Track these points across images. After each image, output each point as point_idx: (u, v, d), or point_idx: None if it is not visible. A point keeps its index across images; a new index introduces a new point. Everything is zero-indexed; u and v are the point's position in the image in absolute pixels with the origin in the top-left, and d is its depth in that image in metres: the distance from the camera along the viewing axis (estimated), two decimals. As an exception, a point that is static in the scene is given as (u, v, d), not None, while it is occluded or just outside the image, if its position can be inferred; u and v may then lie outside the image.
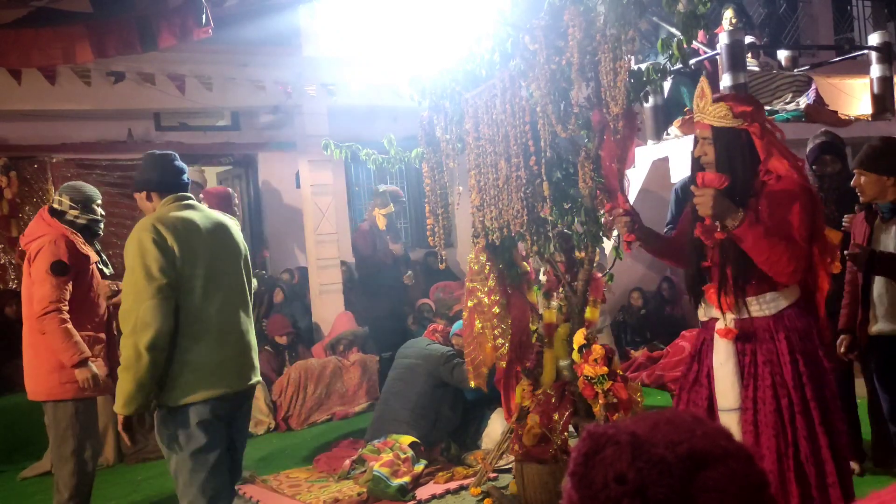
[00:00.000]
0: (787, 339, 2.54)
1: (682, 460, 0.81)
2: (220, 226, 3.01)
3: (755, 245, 2.46)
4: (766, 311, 2.58)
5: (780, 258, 2.43)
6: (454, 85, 3.69)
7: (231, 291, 2.95)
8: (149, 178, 3.01)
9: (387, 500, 4.18)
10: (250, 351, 3.03)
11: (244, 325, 3.00)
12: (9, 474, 5.43)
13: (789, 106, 5.64)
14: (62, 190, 4.04)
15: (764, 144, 2.55)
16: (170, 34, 5.50)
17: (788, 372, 2.52)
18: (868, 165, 3.36)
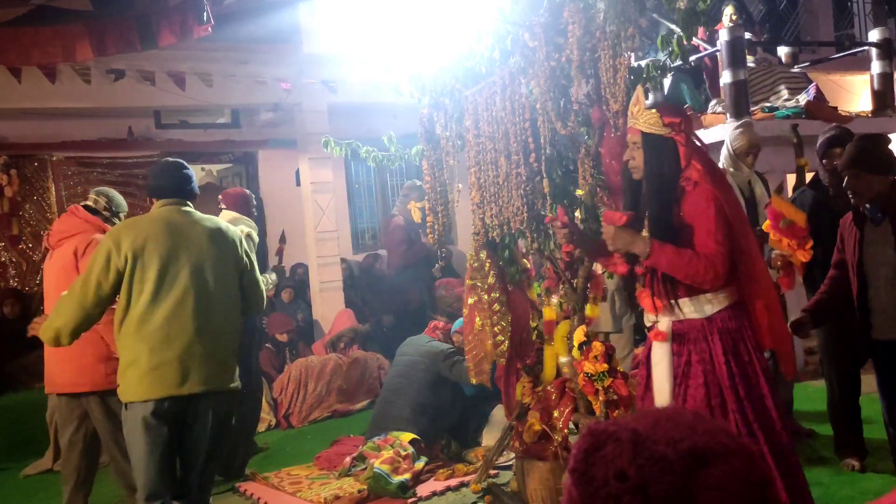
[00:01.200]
0: (720, 340, 2.61)
1: (684, 457, 0.81)
2: (195, 230, 3.04)
3: (669, 266, 2.59)
4: (699, 312, 2.65)
5: (696, 271, 2.55)
6: (454, 82, 3.69)
7: (187, 296, 2.97)
8: (147, 184, 3.23)
9: (387, 497, 4.19)
10: (205, 357, 2.98)
11: (200, 332, 2.97)
12: (11, 472, 5.44)
13: (789, 103, 5.63)
14: (99, 191, 4.16)
15: (686, 153, 2.66)
16: (170, 32, 5.49)
17: (722, 372, 2.58)
18: (861, 165, 3.17)
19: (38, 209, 7.58)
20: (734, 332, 2.61)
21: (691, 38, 3.27)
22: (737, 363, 2.59)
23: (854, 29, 10.72)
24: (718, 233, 2.56)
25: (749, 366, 2.61)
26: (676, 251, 2.57)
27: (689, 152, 2.66)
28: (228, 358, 3.08)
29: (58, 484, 5.11)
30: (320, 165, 7.87)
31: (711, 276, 2.54)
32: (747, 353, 2.61)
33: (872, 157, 3.17)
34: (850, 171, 3.19)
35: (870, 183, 3.16)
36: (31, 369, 6.28)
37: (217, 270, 3.05)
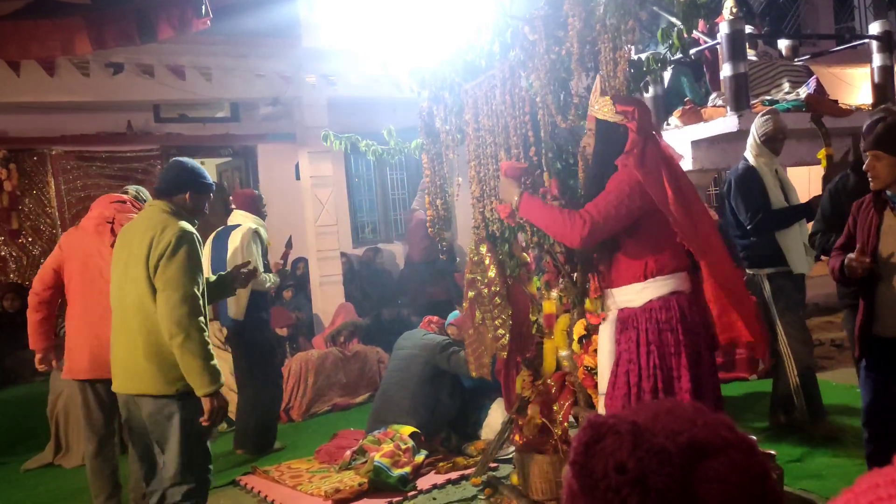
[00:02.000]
0: (647, 329, 2.64)
1: (683, 450, 0.81)
2: (131, 232, 3.07)
3: (537, 219, 2.76)
4: (634, 301, 2.70)
5: (560, 226, 2.67)
6: (454, 76, 3.68)
7: (113, 296, 3.10)
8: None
9: (388, 490, 4.19)
10: (118, 358, 3.08)
11: (116, 332, 3.08)
12: (11, 466, 5.45)
13: (790, 96, 5.62)
14: (137, 188, 4.23)
15: (635, 140, 2.69)
16: (168, 25, 5.48)
17: (643, 362, 2.63)
18: (885, 146, 2.94)
19: (37, 203, 7.57)
20: (662, 323, 2.63)
21: (691, 30, 3.26)
22: (659, 354, 2.61)
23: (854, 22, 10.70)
24: (601, 200, 2.64)
25: (673, 357, 2.62)
26: (543, 205, 2.74)
27: (639, 141, 2.68)
28: (145, 362, 2.96)
29: (58, 478, 5.14)
30: (320, 159, 7.86)
31: (569, 230, 2.63)
32: (675, 346, 2.62)
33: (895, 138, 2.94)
34: (873, 151, 2.98)
35: (891, 165, 2.94)
36: (31, 363, 6.28)
37: (133, 272, 2.98)
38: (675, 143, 5.81)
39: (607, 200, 2.62)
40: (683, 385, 2.62)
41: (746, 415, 5.05)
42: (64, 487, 4.91)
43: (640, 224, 2.71)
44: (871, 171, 2.98)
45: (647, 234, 2.69)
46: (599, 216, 2.60)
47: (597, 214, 2.60)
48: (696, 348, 2.65)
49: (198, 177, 3.16)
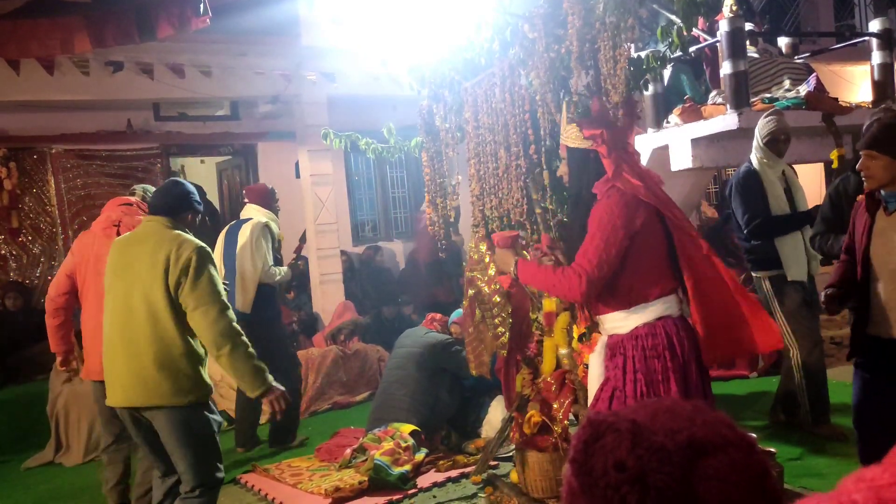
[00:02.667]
0: (633, 357, 2.61)
1: (682, 448, 0.81)
2: (139, 248, 3.10)
3: (535, 283, 2.75)
4: (621, 329, 2.66)
5: (559, 287, 2.61)
6: (453, 74, 3.68)
7: (117, 310, 3.09)
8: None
9: (388, 488, 4.20)
10: (126, 374, 3.03)
11: (123, 349, 3.04)
12: (12, 464, 5.46)
13: (789, 94, 5.62)
14: (144, 188, 4.31)
15: (612, 162, 2.64)
16: (168, 24, 5.47)
17: (630, 389, 2.59)
18: (880, 146, 2.87)
19: (37, 202, 7.57)
20: (649, 350, 2.58)
21: (691, 28, 3.26)
22: (646, 381, 2.56)
23: (854, 19, 10.69)
24: (590, 247, 2.55)
25: (661, 385, 2.57)
26: (538, 269, 2.71)
27: (616, 163, 2.63)
28: (157, 374, 2.98)
29: (59, 476, 5.15)
30: (320, 157, 7.86)
31: (567, 289, 2.57)
32: (662, 372, 2.57)
33: (890, 138, 2.86)
34: (868, 151, 2.90)
35: (886, 166, 2.87)
36: (32, 362, 6.30)
37: (146, 287, 3.02)
38: (675, 140, 5.81)
39: (595, 246, 2.55)
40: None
41: (746, 413, 5.06)
42: (64, 486, 4.92)
43: (627, 252, 2.63)
44: (866, 170, 2.93)
45: (629, 260, 2.62)
46: (592, 266, 2.53)
47: (588, 265, 2.53)
48: (686, 372, 2.60)
49: (194, 196, 3.31)
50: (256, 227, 5.15)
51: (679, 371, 2.59)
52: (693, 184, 6.69)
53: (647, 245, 2.61)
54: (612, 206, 2.57)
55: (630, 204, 2.57)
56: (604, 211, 2.59)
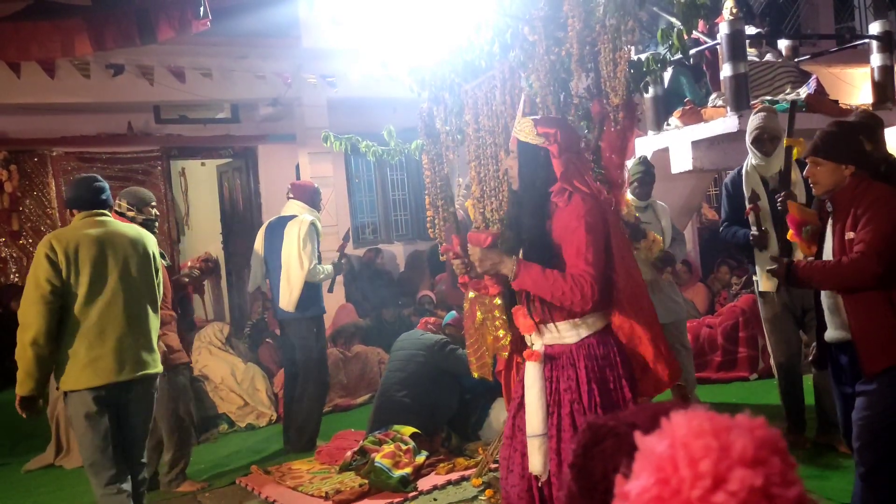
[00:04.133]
0: (586, 366, 2.55)
1: (682, 451, 0.81)
2: (118, 238, 3.46)
3: (535, 287, 2.52)
4: (569, 338, 2.59)
5: (563, 292, 2.46)
6: (454, 76, 3.68)
7: (115, 296, 3.37)
8: (68, 196, 3.65)
9: (388, 491, 4.20)
10: (134, 346, 3.40)
11: (128, 325, 3.39)
12: (13, 467, 5.46)
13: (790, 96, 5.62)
14: (121, 195, 4.51)
15: (562, 163, 2.57)
16: (168, 26, 5.48)
17: (586, 400, 2.53)
18: (823, 153, 2.93)
19: (38, 204, 7.58)
20: (601, 359, 2.55)
21: (691, 31, 3.26)
22: (601, 391, 2.53)
23: (854, 21, 10.69)
24: (588, 252, 2.47)
25: (614, 393, 2.54)
26: (542, 272, 2.50)
27: (564, 165, 2.57)
28: (152, 345, 3.52)
29: (59, 478, 5.14)
30: (320, 160, 7.86)
31: (578, 297, 2.45)
32: (614, 381, 2.55)
33: (832, 145, 2.92)
34: (812, 158, 2.96)
35: (830, 172, 2.91)
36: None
37: (140, 271, 3.48)
38: (676, 143, 5.81)
39: (592, 249, 2.48)
40: None
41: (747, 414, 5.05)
42: (65, 488, 4.91)
43: None
44: (812, 177, 2.98)
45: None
46: (595, 269, 2.47)
47: (593, 269, 2.46)
48: (633, 379, 2.61)
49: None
50: (307, 225, 5.10)
51: (629, 378, 2.58)
52: (693, 186, 6.69)
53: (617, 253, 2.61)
54: (591, 207, 2.53)
55: (598, 204, 2.58)
56: (586, 211, 2.52)
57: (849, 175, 2.88)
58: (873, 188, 2.86)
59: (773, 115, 4.46)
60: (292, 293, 5.05)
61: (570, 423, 2.55)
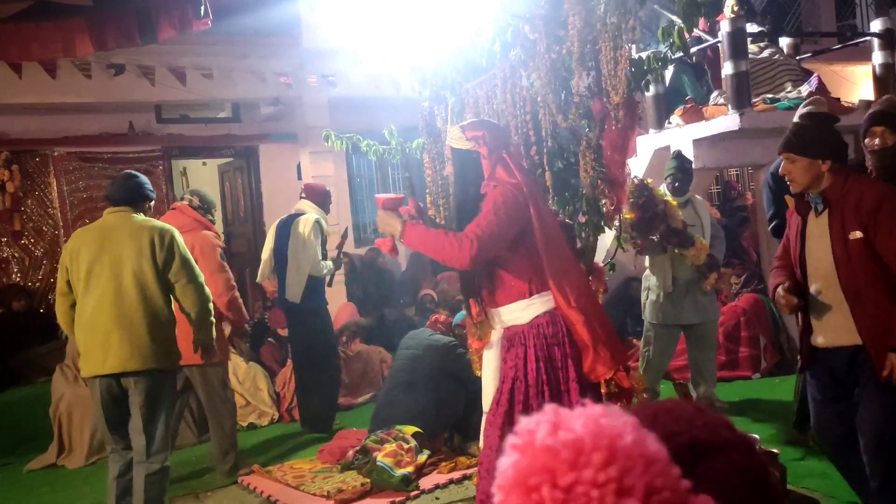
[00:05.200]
0: (535, 346, 2.65)
1: (683, 450, 0.81)
2: (116, 233, 3.54)
3: (420, 245, 2.69)
4: (520, 319, 2.70)
5: (443, 248, 2.60)
6: (454, 75, 3.68)
7: (105, 292, 3.47)
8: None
9: (390, 490, 4.20)
10: (121, 342, 3.45)
11: (118, 321, 3.45)
12: (15, 467, 5.46)
13: (791, 94, 5.62)
14: (192, 191, 4.90)
15: (490, 163, 2.74)
16: (169, 26, 5.49)
17: (532, 378, 2.63)
18: (796, 148, 2.81)
19: (39, 204, 7.58)
20: (550, 338, 2.65)
21: (692, 29, 3.26)
22: (546, 369, 2.63)
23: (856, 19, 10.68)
24: (483, 219, 2.62)
25: (561, 371, 2.64)
26: (426, 231, 2.69)
27: (493, 164, 2.72)
28: (146, 342, 3.48)
29: (62, 478, 5.15)
30: (321, 159, 7.86)
31: (456, 251, 2.57)
32: (561, 359, 2.65)
33: (807, 140, 2.81)
34: (785, 154, 2.85)
35: (806, 168, 2.79)
36: (35, 364, 6.31)
37: (135, 267, 3.49)
38: (677, 141, 5.81)
39: (488, 219, 2.62)
40: (573, 398, 2.63)
41: (749, 414, 5.05)
42: (67, 488, 4.92)
43: (522, 241, 2.71)
44: (788, 174, 2.86)
45: (528, 250, 2.70)
46: (484, 234, 2.58)
47: (482, 232, 2.58)
48: (580, 360, 2.68)
49: (149, 189, 3.79)
50: (311, 222, 5.43)
51: (577, 358, 2.66)
52: (695, 184, 6.69)
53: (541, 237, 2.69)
54: (507, 192, 2.66)
55: (521, 193, 2.67)
56: (499, 194, 2.67)
57: (826, 170, 2.77)
58: (871, 185, 2.76)
59: (822, 106, 4.37)
60: (298, 286, 5.38)
61: (509, 400, 2.65)
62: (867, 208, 2.69)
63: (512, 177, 2.70)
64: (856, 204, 2.71)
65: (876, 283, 2.70)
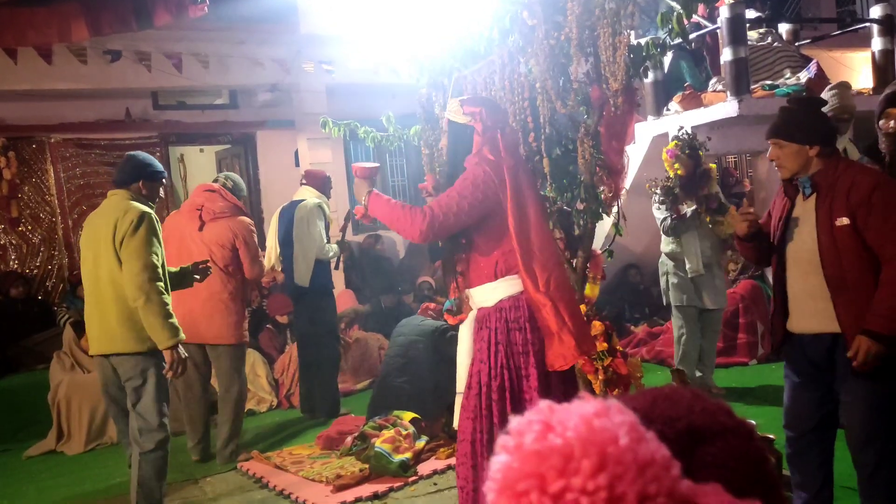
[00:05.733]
0: (496, 329, 2.67)
1: (681, 436, 0.81)
2: (96, 218, 3.59)
3: (382, 215, 2.75)
4: (488, 301, 2.73)
5: (402, 222, 2.66)
6: (453, 62, 3.67)
7: (89, 275, 3.58)
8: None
9: (388, 475, 4.22)
10: (99, 324, 3.56)
11: (96, 303, 3.55)
12: (14, 453, 5.48)
13: (790, 81, 5.60)
14: (227, 176, 5.05)
15: (480, 141, 2.75)
16: (165, 12, 5.46)
17: (493, 361, 2.65)
18: (784, 134, 2.76)
19: (36, 191, 7.56)
20: (512, 322, 2.66)
21: (691, 15, 3.24)
22: (507, 353, 2.64)
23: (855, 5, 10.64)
24: (445, 197, 2.66)
25: (521, 356, 2.65)
26: (388, 202, 2.75)
27: (484, 141, 2.73)
28: (117, 327, 3.49)
29: (61, 464, 5.16)
30: (319, 146, 7.84)
31: (409, 224, 2.64)
32: (523, 344, 2.65)
33: (794, 125, 2.76)
34: (773, 140, 2.80)
35: (795, 154, 2.75)
36: (33, 351, 6.31)
37: (105, 250, 3.49)
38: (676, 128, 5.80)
39: (449, 196, 2.65)
40: (532, 384, 2.64)
41: (746, 399, 5.07)
42: (66, 474, 4.93)
43: (490, 223, 2.71)
44: (776, 160, 2.82)
45: (497, 232, 2.71)
46: (440, 210, 2.62)
47: (437, 209, 2.62)
48: (541, 347, 2.67)
49: (148, 167, 3.66)
50: (312, 207, 5.53)
51: (538, 343, 2.66)
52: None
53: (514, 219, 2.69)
54: (476, 171, 2.68)
55: (496, 173, 2.67)
56: (469, 172, 2.70)
57: (814, 156, 2.72)
58: (864, 171, 2.71)
59: (848, 93, 4.23)
60: (305, 269, 5.48)
61: (477, 382, 2.67)
62: (859, 195, 2.63)
63: (496, 155, 2.70)
64: (847, 190, 2.66)
65: (859, 272, 2.65)
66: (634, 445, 0.60)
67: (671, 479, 0.60)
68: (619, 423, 0.61)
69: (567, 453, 0.59)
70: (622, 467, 0.59)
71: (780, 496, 0.86)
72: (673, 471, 0.61)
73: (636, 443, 0.60)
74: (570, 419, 0.61)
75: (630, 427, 0.61)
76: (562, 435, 0.60)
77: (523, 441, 0.61)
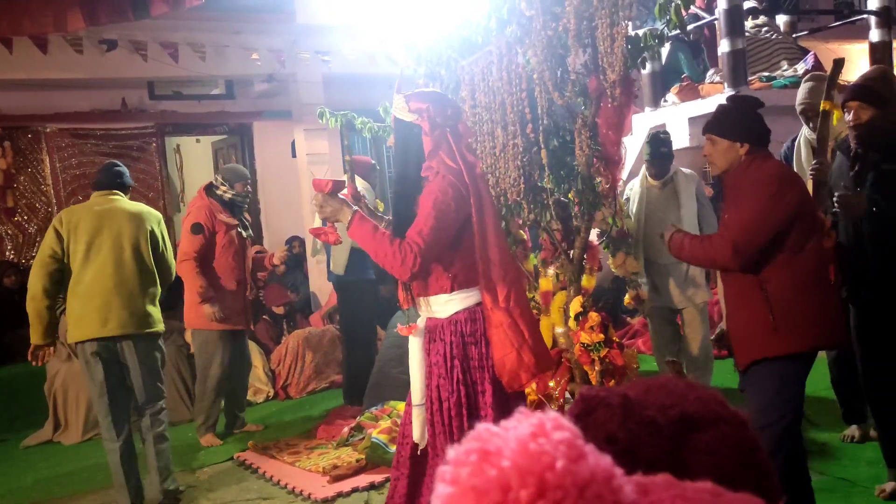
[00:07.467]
0: (451, 343, 2.55)
1: (674, 423, 0.82)
2: (116, 213, 3.89)
3: (363, 242, 2.53)
4: (441, 312, 2.60)
5: (385, 255, 2.46)
6: (450, 52, 3.66)
7: (105, 263, 3.81)
8: (92, 180, 4.24)
9: (385, 466, 4.23)
10: (120, 308, 3.79)
11: (116, 288, 3.79)
12: (11, 443, 5.49)
13: (787, 72, 5.60)
14: (219, 171, 5.37)
15: (432, 140, 2.53)
16: (162, 1, 5.43)
17: (450, 375, 2.55)
18: (718, 130, 2.75)
19: (32, 181, 7.54)
20: (468, 336, 2.55)
21: (689, 6, 3.24)
22: (462, 368, 2.53)
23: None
24: (425, 226, 2.45)
25: (477, 371, 2.54)
26: (373, 230, 2.50)
27: (435, 142, 2.53)
28: (143, 309, 3.85)
29: (58, 454, 5.18)
30: (316, 136, 7.82)
31: (399, 264, 2.44)
32: (479, 359, 2.54)
33: (728, 122, 2.75)
34: (708, 135, 2.80)
35: (725, 150, 2.74)
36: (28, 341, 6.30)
37: (133, 243, 3.86)
38: (673, 119, 5.80)
39: (429, 225, 2.46)
40: (487, 400, 2.53)
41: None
42: (63, 464, 4.95)
43: (455, 235, 2.57)
44: (708, 156, 2.81)
45: (456, 243, 2.55)
46: (424, 243, 2.44)
47: (423, 243, 2.44)
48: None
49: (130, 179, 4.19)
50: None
51: (489, 359, 2.55)
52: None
53: (472, 230, 2.55)
54: (446, 187, 2.50)
55: (460, 182, 2.52)
56: (439, 190, 2.50)
57: (744, 154, 2.71)
58: (764, 167, 2.69)
59: (819, 87, 4.20)
60: (342, 258, 5.51)
61: (438, 396, 2.57)
62: (741, 190, 2.66)
63: (454, 162, 2.52)
64: (740, 186, 2.68)
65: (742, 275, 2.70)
66: (572, 466, 0.59)
67: (612, 491, 0.60)
68: (557, 442, 0.60)
69: (504, 485, 0.58)
70: (561, 492, 0.58)
71: (772, 484, 0.87)
72: (614, 482, 0.60)
73: (574, 463, 0.59)
74: (506, 445, 0.61)
75: (567, 446, 0.60)
76: (497, 465, 0.59)
77: (460, 475, 0.60)
